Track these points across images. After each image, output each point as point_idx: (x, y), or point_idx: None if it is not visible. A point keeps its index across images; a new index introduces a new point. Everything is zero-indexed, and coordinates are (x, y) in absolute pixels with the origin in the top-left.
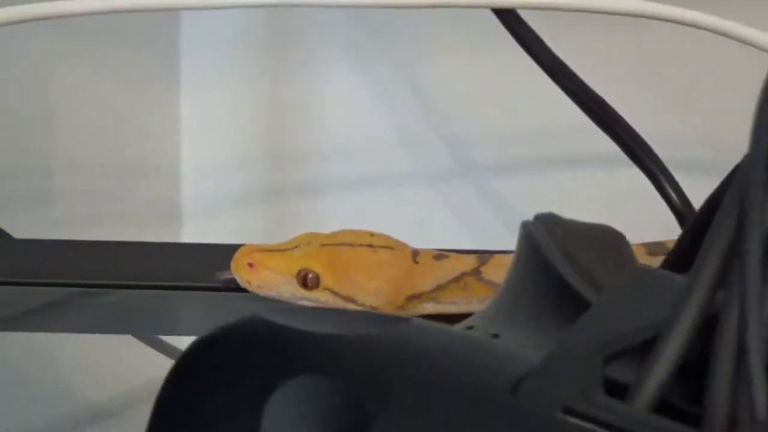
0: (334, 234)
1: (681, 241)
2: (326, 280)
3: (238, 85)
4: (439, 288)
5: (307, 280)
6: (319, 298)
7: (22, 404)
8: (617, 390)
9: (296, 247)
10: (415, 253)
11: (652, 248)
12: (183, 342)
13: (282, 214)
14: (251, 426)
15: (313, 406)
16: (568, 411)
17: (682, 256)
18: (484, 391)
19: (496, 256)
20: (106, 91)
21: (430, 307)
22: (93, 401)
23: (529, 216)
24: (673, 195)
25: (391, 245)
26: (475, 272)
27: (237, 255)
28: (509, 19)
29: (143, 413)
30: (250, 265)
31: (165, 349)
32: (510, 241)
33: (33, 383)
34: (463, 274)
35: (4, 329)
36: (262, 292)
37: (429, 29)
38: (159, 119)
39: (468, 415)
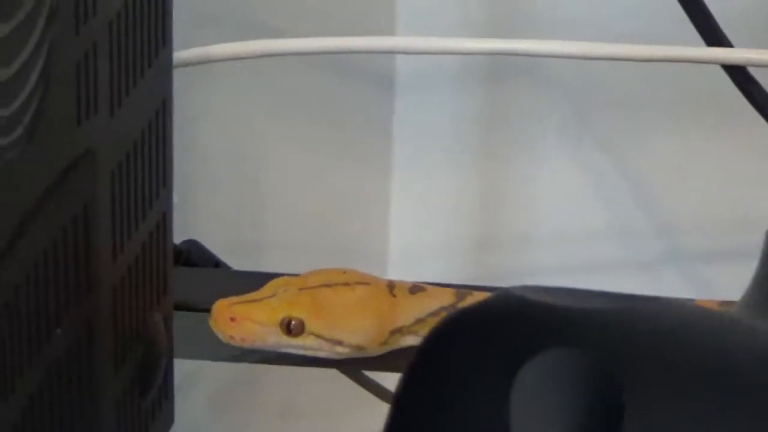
0: (306, 276)
1: None
2: (311, 325)
3: (449, 169)
4: (419, 322)
5: (291, 328)
6: (305, 343)
7: None
8: None
9: (274, 295)
10: (391, 286)
11: (723, 305)
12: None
13: None
14: (500, 399)
15: (563, 378)
16: None
17: None
18: (737, 366)
19: (474, 292)
20: (318, 171)
21: (411, 340)
22: None
23: None
24: None
25: (366, 280)
26: (453, 307)
27: (215, 311)
28: (740, 77)
29: None
30: (232, 319)
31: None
32: None
33: None
34: (442, 308)
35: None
36: (246, 345)
37: (644, 115)
38: (369, 202)
39: (720, 388)
